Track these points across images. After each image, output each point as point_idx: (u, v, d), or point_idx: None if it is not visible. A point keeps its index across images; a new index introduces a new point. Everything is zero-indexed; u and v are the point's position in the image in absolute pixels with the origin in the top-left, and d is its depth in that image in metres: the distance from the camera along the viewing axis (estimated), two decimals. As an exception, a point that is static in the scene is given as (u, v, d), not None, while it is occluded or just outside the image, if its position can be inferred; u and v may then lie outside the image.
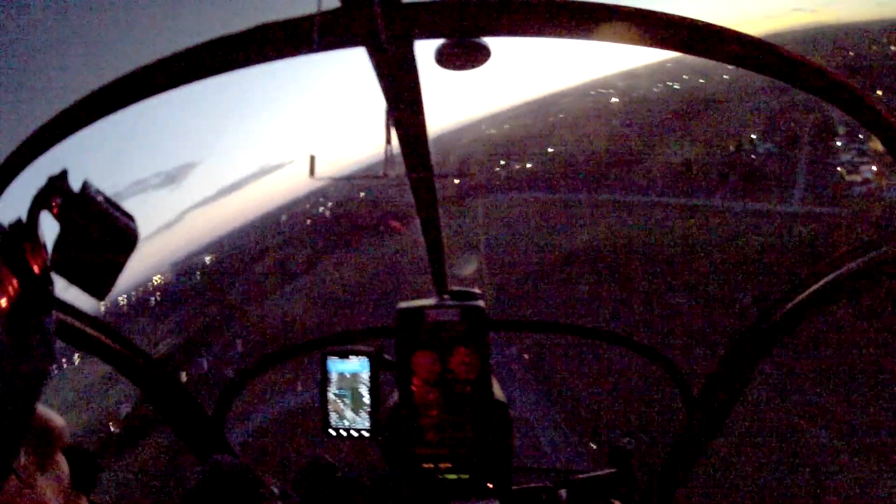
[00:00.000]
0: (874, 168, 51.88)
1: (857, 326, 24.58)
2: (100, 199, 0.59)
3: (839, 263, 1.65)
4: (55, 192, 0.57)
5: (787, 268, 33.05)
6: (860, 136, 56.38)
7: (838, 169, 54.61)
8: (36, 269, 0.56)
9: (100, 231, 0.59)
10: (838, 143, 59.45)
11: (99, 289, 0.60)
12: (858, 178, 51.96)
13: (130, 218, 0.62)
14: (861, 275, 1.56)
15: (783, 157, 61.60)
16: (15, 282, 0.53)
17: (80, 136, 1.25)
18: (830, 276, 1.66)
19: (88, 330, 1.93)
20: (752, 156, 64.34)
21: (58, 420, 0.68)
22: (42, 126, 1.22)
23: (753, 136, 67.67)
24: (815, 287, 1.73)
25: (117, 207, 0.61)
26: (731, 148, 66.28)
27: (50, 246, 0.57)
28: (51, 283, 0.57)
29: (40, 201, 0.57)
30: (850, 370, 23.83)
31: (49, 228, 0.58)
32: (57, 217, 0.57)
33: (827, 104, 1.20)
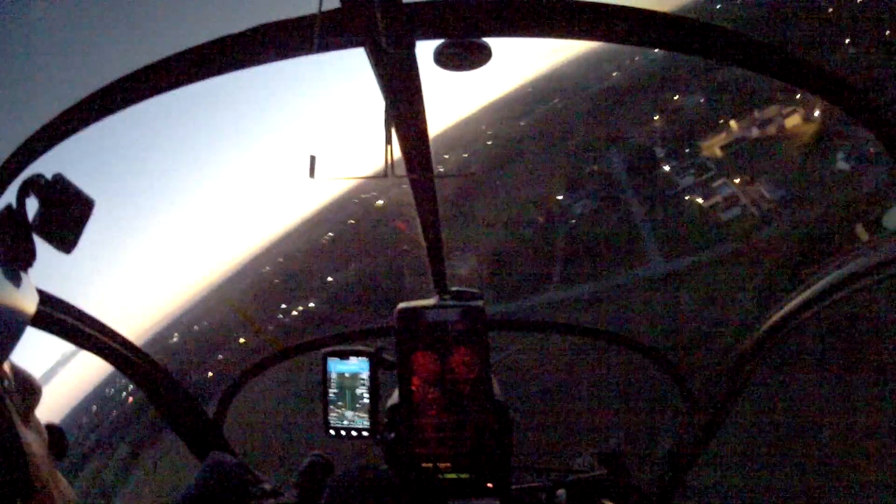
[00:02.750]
0: (737, 180, 40.10)
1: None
2: (69, 182, 0.86)
3: (842, 263, 1.65)
4: (38, 178, 0.83)
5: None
6: (687, 150, 45.95)
7: (687, 199, 42.26)
8: (24, 233, 0.81)
9: (69, 203, 0.86)
10: (667, 169, 46.38)
11: (68, 244, 0.87)
12: (720, 199, 40.09)
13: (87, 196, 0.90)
14: (863, 274, 1.56)
15: (610, 209, 46.21)
16: (10, 242, 0.80)
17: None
18: (833, 276, 1.66)
19: (88, 330, 1.94)
20: (572, 222, 47.64)
21: (37, 381, 0.84)
22: (42, 126, 1.22)
23: (560, 198, 50.97)
24: (815, 287, 1.73)
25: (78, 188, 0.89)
26: (541, 220, 49.40)
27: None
28: (33, 244, 0.82)
29: (26, 187, 0.82)
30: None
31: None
32: (38, 196, 0.83)
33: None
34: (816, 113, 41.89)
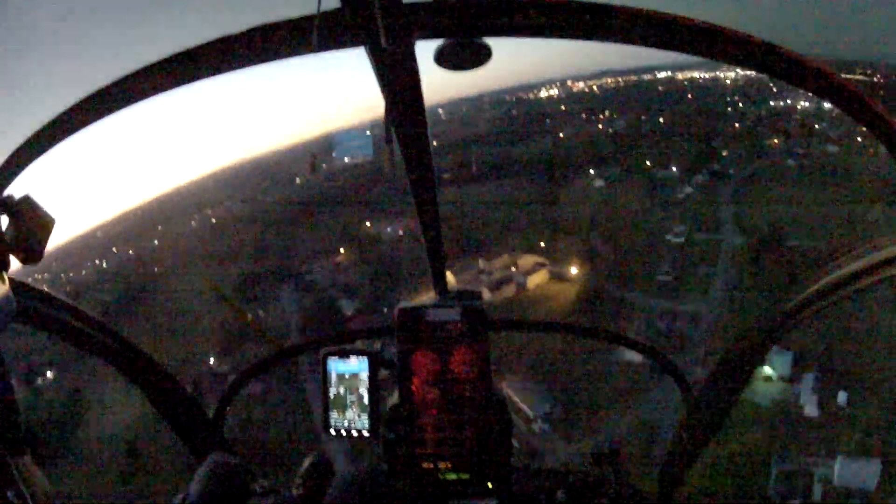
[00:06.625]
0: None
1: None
2: (35, 202, 1.07)
3: (841, 264, 1.65)
4: (8, 198, 1.04)
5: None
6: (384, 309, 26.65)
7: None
8: (3, 245, 1.01)
9: (36, 219, 1.06)
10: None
11: (34, 256, 1.06)
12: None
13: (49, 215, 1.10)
14: (861, 274, 1.56)
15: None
16: None
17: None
18: (831, 276, 1.66)
19: (90, 331, 1.93)
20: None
21: None
22: (42, 126, 1.22)
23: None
24: (815, 287, 1.73)
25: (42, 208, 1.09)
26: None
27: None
28: (7, 253, 1.02)
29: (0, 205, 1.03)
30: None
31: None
32: (10, 214, 1.03)
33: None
34: (573, 270, 26.74)
